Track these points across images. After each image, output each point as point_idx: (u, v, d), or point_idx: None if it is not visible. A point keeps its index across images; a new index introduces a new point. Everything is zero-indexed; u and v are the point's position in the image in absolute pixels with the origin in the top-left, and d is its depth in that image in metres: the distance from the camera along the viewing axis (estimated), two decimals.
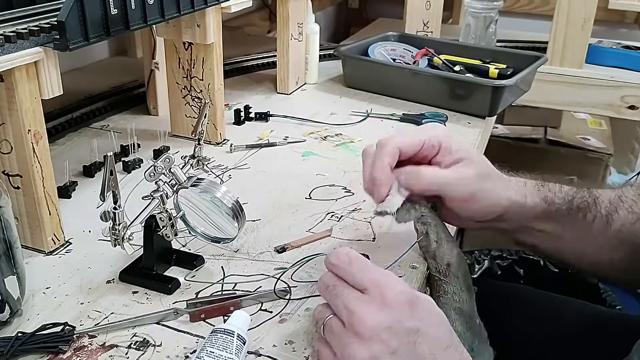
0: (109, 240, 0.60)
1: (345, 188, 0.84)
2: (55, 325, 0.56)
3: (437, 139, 0.61)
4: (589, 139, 1.94)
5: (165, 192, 0.61)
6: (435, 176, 0.60)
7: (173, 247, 0.67)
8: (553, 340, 0.76)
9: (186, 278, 0.65)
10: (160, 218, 0.62)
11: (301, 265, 0.63)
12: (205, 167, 0.69)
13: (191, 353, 0.55)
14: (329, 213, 0.78)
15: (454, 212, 0.64)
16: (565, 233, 0.65)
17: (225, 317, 0.59)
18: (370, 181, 0.60)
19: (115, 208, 0.58)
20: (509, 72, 1.17)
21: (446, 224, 0.66)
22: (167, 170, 0.61)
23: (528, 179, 0.66)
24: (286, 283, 0.64)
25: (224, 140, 0.98)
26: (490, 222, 0.65)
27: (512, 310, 0.83)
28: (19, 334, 0.54)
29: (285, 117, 1.08)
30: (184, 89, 0.95)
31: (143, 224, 0.63)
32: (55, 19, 0.62)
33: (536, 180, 0.65)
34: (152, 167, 0.60)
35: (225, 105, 1.06)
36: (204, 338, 0.55)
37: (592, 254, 0.65)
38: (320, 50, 1.29)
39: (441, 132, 0.62)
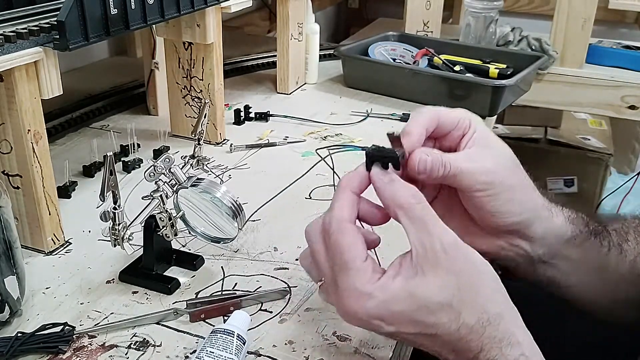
0: (109, 240, 0.60)
1: None
2: (55, 325, 0.56)
3: (469, 118, 0.54)
4: (589, 139, 1.94)
5: (165, 192, 0.61)
6: (455, 165, 0.51)
7: (173, 247, 0.67)
8: (556, 340, 0.75)
9: (186, 278, 0.65)
10: (160, 218, 0.61)
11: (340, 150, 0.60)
12: (205, 167, 0.69)
13: (191, 353, 0.55)
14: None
15: (464, 216, 0.55)
16: (586, 262, 0.58)
17: (225, 317, 0.58)
18: (402, 133, 0.51)
19: (115, 208, 0.58)
20: (509, 72, 1.18)
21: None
22: (167, 170, 0.61)
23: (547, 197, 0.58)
24: (286, 283, 0.64)
25: (224, 140, 0.98)
26: (511, 235, 0.55)
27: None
28: (19, 334, 0.54)
29: (285, 117, 1.07)
30: (184, 89, 0.95)
31: (143, 224, 0.63)
32: (55, 18, 0.62)
33: (555, 201, 0.58)
34: (152, 167, 0.60)
35: (225, 105, 1.06)
36: (203, 338, 0.55)
37: (610, 290, 0.59)
38: (320, 50, 1.29)
39: (472, 115, 0.55)
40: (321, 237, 0.47)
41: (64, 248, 0.69)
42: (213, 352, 0.51)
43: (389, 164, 0.48)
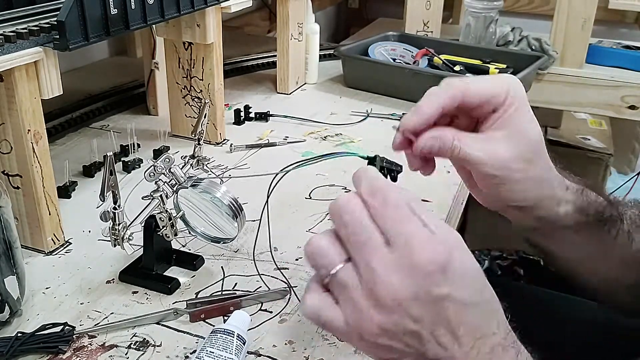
0: (109, 240, 0.60)
1: (346, 188, 0.84)
2: (55, 325, 0.56)
3: (505, 93, 0.52)
4: (589, 139, 1.94)
5: (165, 192, 0.61)
6: (465, 151, 0.51)
7: (173, 247, 0.67)
8: (556, 340, 0.75)
9: (186, 278, 0.65)
10: (160, 218, 0.61)
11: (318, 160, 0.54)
12: (205, 167, 0.69)
13: (191, 353, 0.55)
14: (329, 213, 0.78)
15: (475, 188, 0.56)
16: (588, 245, 0.58)
17: (225, 317, 0.58)
18: (415, 109, 0.51)
19: (115, 208, 0.58)
20: (509, 72, 1.18)
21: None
22: (167, 170, 0.61)
23: (570, 181, 0.58)
24: (286, 283, 0.64)
25: (224, 140, 0.98)
26: (517, 210, 0.56)
27: (514, 310, 0.82)
28: (19, 334, 0.54)
29: (285, 117, 1.07)
30: (184, 89, 0.95)
31: (143, 224, 0.63)
32: (55, 18, 0.62)
33: (576, 186, 0.58)
34: (152, 167, 0.60)
35: (225, 105, 1.06)
36: (203, 338, 0.55)
37: (609, 272, 0.60)
38: (320, 50, 1.29)
39: (512, 87, 0.53)
40: (369, 198, 0.42)
41: (64, 248, 0.69)
42: (213, 352, 0.51)
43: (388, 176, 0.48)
